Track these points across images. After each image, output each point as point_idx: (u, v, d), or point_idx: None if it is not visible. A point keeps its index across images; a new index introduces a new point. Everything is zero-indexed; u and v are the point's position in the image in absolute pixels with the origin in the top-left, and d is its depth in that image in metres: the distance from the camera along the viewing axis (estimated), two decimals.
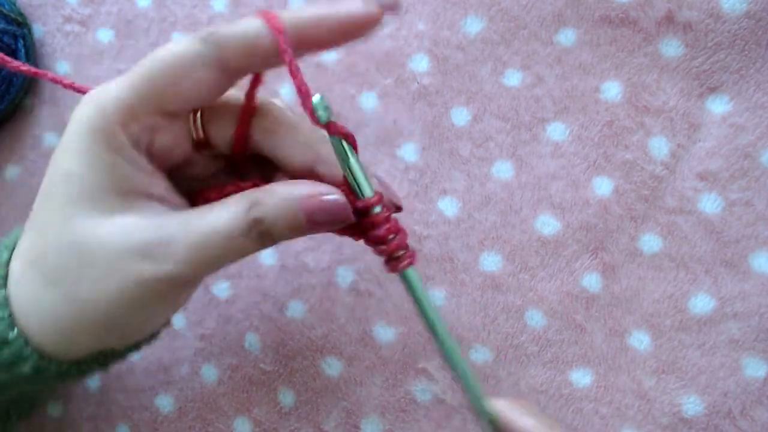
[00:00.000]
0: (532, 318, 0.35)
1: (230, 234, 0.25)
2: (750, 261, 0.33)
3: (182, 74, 0.25)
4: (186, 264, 0.25)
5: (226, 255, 0.25)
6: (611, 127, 0.35)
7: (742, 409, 0.33)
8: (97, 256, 0.25)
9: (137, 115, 0.25)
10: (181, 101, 0.26)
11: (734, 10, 0.34)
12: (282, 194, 0.25)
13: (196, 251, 0.24)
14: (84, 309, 0.25)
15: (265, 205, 0.25)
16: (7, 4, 0.41)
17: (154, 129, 0.26)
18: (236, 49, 0.25)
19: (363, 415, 0.36)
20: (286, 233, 0.25)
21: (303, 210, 0.25)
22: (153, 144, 0.26)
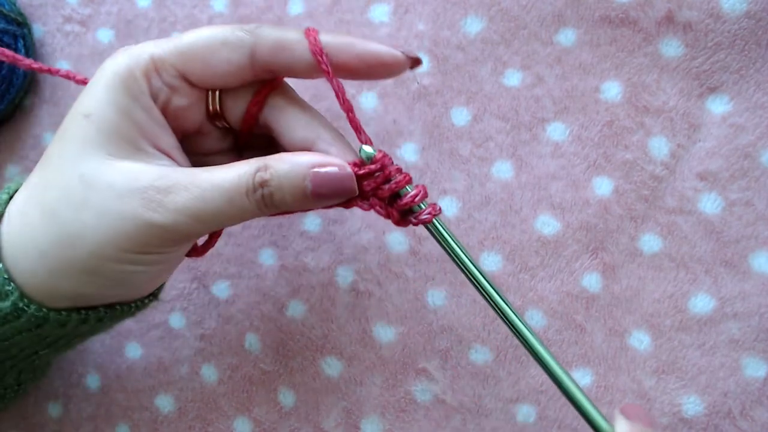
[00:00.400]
0: (532, 318, 0.35)
1: (235, 191, 0.25)
2: (750, 261, 0.33)
3: (215, 50, 0.27)
4: (184, 214, 0.25)
5: (225, 212, 0.26)
6: (611, 127, 0.35)
7: (742, 409, 0.33)
8: (99, 194, 0.25)
9: (161, 71, 0.27)
10: (205, 74, 0.27)
11: (734, 10, 0.34)
12: (291, 160, 0.26)
13: (196, 202, 0.25)
14: (72, 245, 0.25)
15: (273, 169, 0.26)
16: (7, 4, 0.41)
17: (174, 89, 0.27)
18: (270, 44, 0.27)
19: (363, 415, 0.36)
20: (290, 199, 0.26)
21: (310, 177, 0.26)
22: (170, 102, 0.27)
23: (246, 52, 0.27)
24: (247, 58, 0.27)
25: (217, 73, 0.27)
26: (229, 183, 0.25)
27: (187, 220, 0.25)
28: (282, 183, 0.26)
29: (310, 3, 0.39)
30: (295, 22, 0.39)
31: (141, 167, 0.26)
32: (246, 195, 0.26)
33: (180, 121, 0.28)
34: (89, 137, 0.26)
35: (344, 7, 0.39)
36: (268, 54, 0.27)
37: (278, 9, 0.39)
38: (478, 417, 0.35)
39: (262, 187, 0.26)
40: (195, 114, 0.29)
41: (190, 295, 0.39)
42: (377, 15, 0.38)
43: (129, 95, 0.26)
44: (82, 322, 0.28)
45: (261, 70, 0.27)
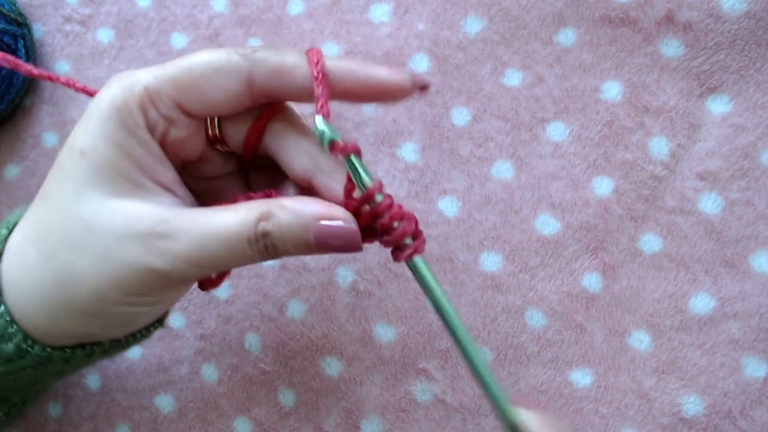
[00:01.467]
0: (532, 318, 0.35)
1: (236, 240, 0.25)
2: (750, 261, 0.33)
3: (210, 78, 0.25)
4: (184, 261, 0.25)
5: (227, 260, 0.25)
6: (611, 127, 0.35)
7: (742, 409, 0.33)
8: (98, 237, 0.25)
9: (158, 103, 0.26)
10: (201, 104, 0.26)
11: (734, 10, 0.34)
12: (295, 210, 0.25)
13: (197, 250, 0.25)
14: (73, 289, 0.25)
15: (276, 219, 0.25)
16: (7, 4, 0.41)
17: (171, 121, 0.26)
18: (267, 71, 0.26)
19: (363, 415, 0.36)
20: (292, 250, 0.25)
21: (313, 231, 0.25)
22: (167, 135, 0.26)
23: (242, 80, 0.26)
24: (244, 86, 0.26)
25: (213, 103, 0.26)
26: (230, 232, 0.25)
27: (187, 266, 0.25)
28: (284, 234, 0.25)
29: (310, 3, 0.39)
30: (295, 22, 0.39)
31: (140, 208, 0.25)
32: (248, 244, 0.25)
33: (180, 152, 0.28)
34: (85, 175, 0.25)
35: (344, 7, 0.39)
36: (265, 80, 0.26)
37: (278, 9, 0.39)
38: (478, 417, 0.35)
39: (264, 237, 0.25)
40: (195, 143, 0.28)
41: (190, 295, 0.39)
42: (377, 15, 0.38)
43: (125, 130, 0.25)
44: (87, 357, 0.28)
45: (259, 95, 0.26)
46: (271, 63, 0.26)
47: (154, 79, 0.25)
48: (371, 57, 0.38)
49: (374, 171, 0.38)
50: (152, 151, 0.26)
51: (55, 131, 0.42)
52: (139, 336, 0.30)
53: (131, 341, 0.30)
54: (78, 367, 0.29)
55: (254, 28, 0.40)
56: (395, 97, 0.27)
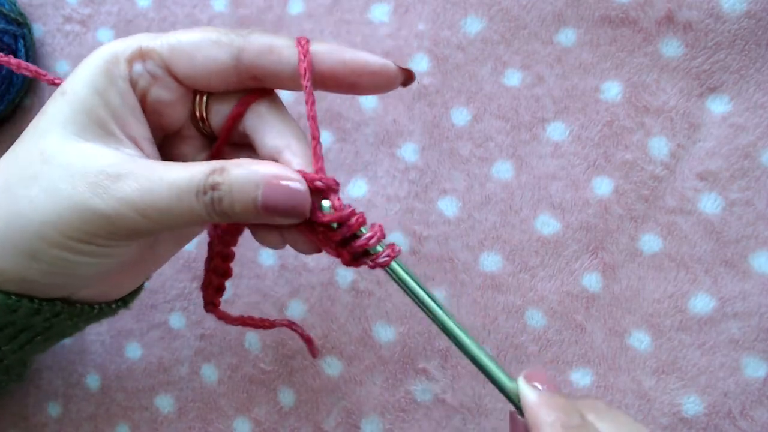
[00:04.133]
0: (532, 318, 0.35)
1: (185, 189, 0.24)
2: (750, 261, 0.33)
3: (201, 46, 0.26)
4: (128, 206, 0.24)
5: (172, 211, 0.25)
6: (611, 127, 0.35)
7: (742, 409, 0.33)
8: (53, 171, 0.25)
9: (147, 59, 0.26)
10: (189, 69, 0.27)
11: (734, 10, 0.34)
12: (249, 167, 0.25)
13: (143, 194, 0.24)
14: (15, 223, 0.25)
15: (227, 173, 0.25)
16: (7, 4, 0.41)
17: (156, 78, 0.27)
18: (257, 47, 0.26)
19: (363, 415, 0.36)
20: (238, 208, 0.25)
21: (262, 186, 0.24)
22: (149, 92, 0.27)
23: (232, 53, 0.26)
24: (232, 59, 0.26)
25: (200, 71, 0.26)
26: (181, 180, 0.24)
27: (130, 212, 0.24)
28: (233, 189, 0.24)
29: (310, 3, 0.39)
30: (295, 22, 0.39)
31: (102, 150, 0.25)
32: (196, 195, 0.24)
33: (160, 117, 0.28)
34: (60, 113, 0.26)
35: (344, 7, 0.39)
36: (253, 57, 0.26)
37: (278, 9, 0.39)
38: (478, 416, 0.35)
39: (213, 190, 0.24)
40: (176, 112, 0.28)
41: (190, 295, 0.39)
42: (377, 15, 0.38)
43: (107, 77, 0.26)
44: (36, 312, 0.27)
45: (246, 74, 0.27)
46: (261, 41, 0.26)
47: (150, 39, 0.27)
48: None
49: (374, 171, 0.38)
50: (129, 103, 0.26)
51: None
52: (97, 309, 0.29)
53: (87, 311, 0.29)
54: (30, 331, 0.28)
55: (254, 28, 0.40)
56: (379, 82, 0.27)
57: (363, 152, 0.38)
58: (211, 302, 0.32)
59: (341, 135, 0.38)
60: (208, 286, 0.31)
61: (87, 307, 0.29)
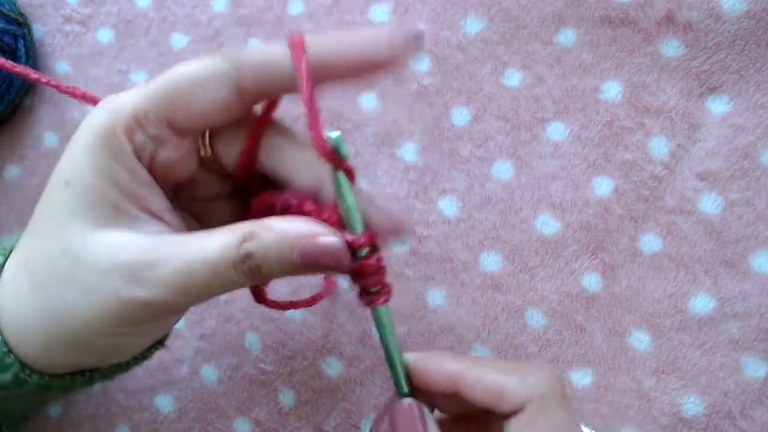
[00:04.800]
0: (532, 318, 0.35)
1: (219, 265, 0.24)
2: (750, 261, 0.33)
3: (197, 90, 0.24)
4: (169, 290, 0.24)
5: (212, 286, 0.24)
6: (611, 127, 0.35)
7: (742, 409, 0.33)
8: (83, 268, 0.24)
9: (144, 124, 0.25)
10: (192, 117, 0.25)
11: (734, 10, 0.34)
12: (278, 230, 0.24)
13: (181, 278, 0.24)
14: (62, 322, 0.25)
15: (259, 239, 0.24)
16: (7, 4, 0.41)
17: (160, 141, 0.25)
18: (253, 71, 0.25)
19: (363, 415, 0.36)
20: (277, 271, 0.24)
21: (298, 249, 0.24)
22: (156, 156, 0.26)
23: (230, 86, 0.24)
24: (232, 93, 0.25)
25: (203, 114, 0.25)
26: (212, 256, 0.23)
27: (172, 295, 0.24)
28: (269, 255, 0.24)
29: (310, 3, 0.39)
30: (295, 22, 0.39)
31: (125, 237, 0.24)
32: (233, 268, 0.24)
33: (170, 174, 0.27)
34: (70, 207, 0.24)
35: (344, 7, 0.39)
36: (253, 81, 0.25)
37: (278, 9, 0.39)
38: None
39: (248, 259, 0.24)
40: (186, 164, 0.27)
41: None
42: (377, 15, 0.38)
43: (110, 157, 0.24)
44: (87, 383, 0.28)
45: (250, 97, 0.25)
46: (254, 59, 0.25)
47: (141, 99, 0.25)
48: None
49: (374, 171, 0.38)
50: (139, 178, 0.25)
51: (55, 131, 0.42)
52: (140, 358, 0.29)
53: (132, 364, 0.29)
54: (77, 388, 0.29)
55: (254, 28, 0.40)
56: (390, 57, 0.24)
57: (363, 152, 0.38)
58: (259, 294, 0.31)
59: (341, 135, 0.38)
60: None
61: (132, 360, 0.29)
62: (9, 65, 0.33)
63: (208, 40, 0.40)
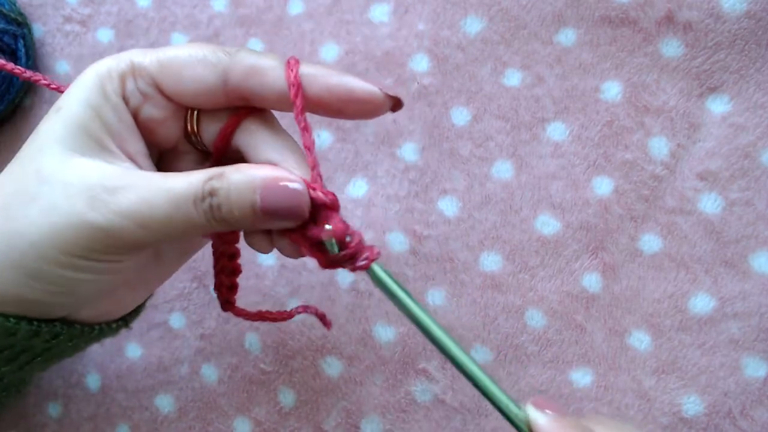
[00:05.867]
0: (532, 318, 0.35)
1: (183, 197, 0.24)
2: (750, 261, 0.33)
3: (188, 65, 0.26)
4: (127, 218, 0.24)
5: (171, 221, 0.24)
6: (611, 127, 0.35)
7: (742, 409, 0.33)
8: (49, 188, 0.25)
9: (138, 77, 0.26)
10: (177, 88, 0.26)
11: (734, 10, 0.34)
12: (247, 171, 0.25)
13: (141, 206, 0.24)
14: (15, 243, 0.25)
15: (225, 178, 0.24)
16: (7, 4, 0.41)
17: (147, 97, 0.27)
18: (243, 68, 0.26)
19: (363, 415, 0.36)
20: (237, 213, 0.25)
21: (260, 190, 0.24)
22: (141, 109, 0.27)
23: (219, 73, 0.26)
24: (219, 79, 0.26)
25: (188, 89, 0.26)
26: (179, 188, 0.24)
27: (129, 224, 0.24)
28: (231, 194, 0.24)
29: (310, 3, 0.39)
30: (295, 22, 0.39)
31: (99, 165, 0.25)
32: (194, 203, 0.24)
33: (154, 135, 0.28)
34: (55, 131, 0.25)
35: (344, 7, 0.39)
36: (240, 77, 0.26)
37: (278, 9, 0.39)
38: (478, 417, 0.35)
39: (211, 196, 0.24)
40: (169, 129, 0.28)
41: (190, 295, 0.39)
42: (377, 15, 0.38)
43: (101, 93, 0.26)
44: (35, 335, 0.27)
45: (233, 94, 0.26)
46: (247, 61, 0.26)
47: (140, 56, 0.27)
48: (371, 57, 0.38)
49: (374, 171, 0.38)
50: (123, 119, 0.26)
51: None
52: (97, 330, 0.29)
53: (87, 332, 0.29)
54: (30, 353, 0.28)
55: (254, 28, 0.40)
56: (365, 110, 0.26)
57: (363, 152, 0.38)
58: (227, 301, 0.31)
59: (341, 135, 0.38)
60: (221, 286, 0.31)
61: (87, 327, 0.29)
62: (18, 70, 0.33)
63: (208, 40, 0.40)
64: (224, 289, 0.31)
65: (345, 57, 0.38)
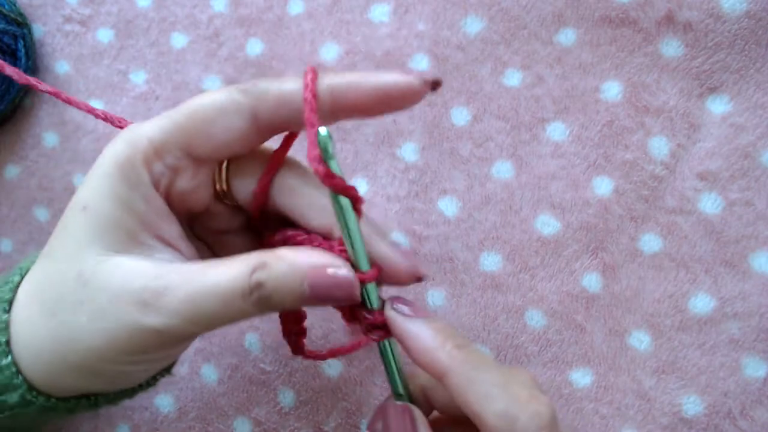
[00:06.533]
0: (532, 318, 0.35)
1: (229, 293, 0.24)
2: (750, 261, 0.33)
3: (214, 119, 0.25)
4: (178, 318, 0.24)
5: (221, 315, 0.24)
6: (611, 127, 0.35)
7: (742, 409, 0.33)
8: (96, 294, 0.24)
9: (163, 153, 0.25)
10: (209, 146, 0.25)
11: (734, 10, 0.34)
12: (289, 260, 0.24)
13: (190, 306, 0.24)
14: (70, 348, 0.25)
15: (270, 269, 0.24)
16: (7, 4, 0.41)
17: (177, 170, 0.26)
18: (270, 102, 0.25)
19: (363, 415, 0.36)
20: (288, 302, 0.24)
21: (308, 280, 0.24)
22: (173, 186, 0.26)
23: (247, 117, 0.25)
24: (249, 122, 0.25)
25: (221, 143, 0.25)
26: (224, 285, 0.24)
27: (180, 323, 0.24)
28: (279, 286, 0.24)
29: (310, 3, 0.39)
30: (295, 22, 0.39)
31: (138, 264, 0.25)
32: (242, 298, 0.24)
33: (186, 204, 0.27)
34: (86, 231, 0.25)
35: (344, 7, 0.39)
36: (270, 112, 0.25)
37: (278, 9, 0.39)
38: None
39: (258, 289, 0.24)
40: (201, 195, 0.27)
41: None
42: (377, 15, 0.38)
43: (128, 185, 0.25)
44: (92, 406, 0.28)
45: (266, 129, 0.26)
46: (272, 94, 0.25)
47: (159, 130, 0.25)
48: (371, 57, 0.38)
49: (374, 171, 0.38)
50: (155, 206, 0.25)
51: (55, 131, 0.42)
52: (146, 385, 0.29)
53: (138, 390, 0.29)
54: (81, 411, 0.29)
55: (254, 28, 0.40)
56: (407, 101, 0.25)
57: (363, 152, 0.38)
58: (297, 346, 0.31)
59: (341, 135, 0.38)
60: (290, 334, 0.31)
61: (138, 387, 0.29)
62: (17, 74, 0.33)
63: (208, 40, 0.40)
64: (293, 336, 0.31)
65: (345, 57, 0.38)
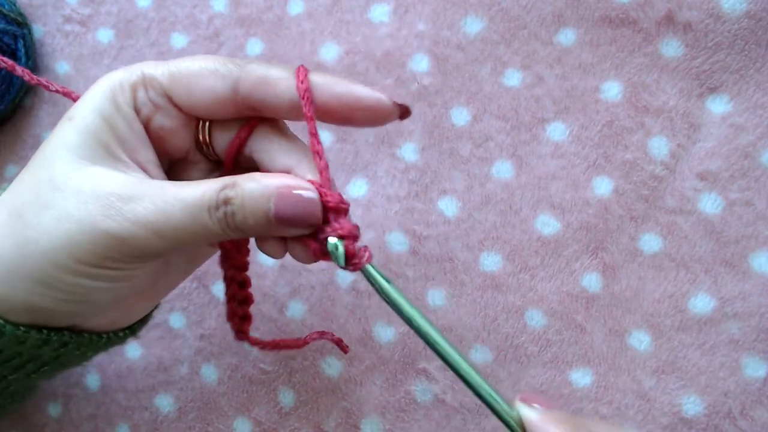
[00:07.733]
0: (532, 318, 0.35)
1: (197, 206, 0.25)
2: (750, 261, 0.33)
3: (199, 77, 0.27)
4: (142, 226, 0.24)
5: (186, 228, 0.25)
6: (611, 127, 0.35)
7: (742, 409, 0.33)
8: (62, 196, 0.25)
9: (149, 87, 0.27)
10: (189, 100, 0.27)
11: (734, 10, 0.34)
12: (260, 180, 0.25)
13: (156, 215, 0.24)
14: (29, 250, 0.25)
15: (239, 187, 0.25)
16: (7, 4, 0.41)
17: (158, 107, 0.27)
18: (254, 79, 0.26)
19: (363, 415, 0.36)
20: (251, 221, 0.25)
21: (274, 198, 0.25)
22: (152, 119, 0.27)
23: (229, 84, 0.26)
24: (229, 90, 0.26)
25: (199, 100, 0.27)
26: (193, 197, 0.25)
27: (144, 233, 0.24)
28: (245, 202, 0.25)
29: (310, 3, 0.39)
30: (295, 22, 0.39)
31: (111, 174, 0.25)
32: (208, 212, 0.25)
33: (164, 144, 0.28)
34: (67, 139, 0.26)
35: (344, 7, 0.39)
36: (250, 88, 0.26)
37: (278, 9, 0.39)
38: (478, 417, 0.35)
39: (225, 205, 0.25)
40: (180, 139, 0.28)
41: (190, 295, 0.39)
42: (377, 15, 0.38)
43: (113, 104, 0.26)
44: (44, 343, 0.27)
45: (243, 105, 0.27)
46: (257, 72, 0.26)
47: (152, 68, 0.27)
48: (371, 57, 0.38)
49: (374, 171, 0.38)
50: (135, 129, 0.27)
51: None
52: (105, 338, 0.29)
53: (95, 340, 0.29)
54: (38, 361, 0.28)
55: (254, 28, 0.40)
56: (373, 117, 0.27)
57: (363, 152, 0.38)
58: (240, 331, 0.32)
59: (341, 135, 0.38)
60: (234, 316, 0.31)
61: (95, 336, 0.29)
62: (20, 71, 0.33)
63: (208, 40, 0.40)
64: (237, 319, 0.31)
65: (345, 57, 0.38)
